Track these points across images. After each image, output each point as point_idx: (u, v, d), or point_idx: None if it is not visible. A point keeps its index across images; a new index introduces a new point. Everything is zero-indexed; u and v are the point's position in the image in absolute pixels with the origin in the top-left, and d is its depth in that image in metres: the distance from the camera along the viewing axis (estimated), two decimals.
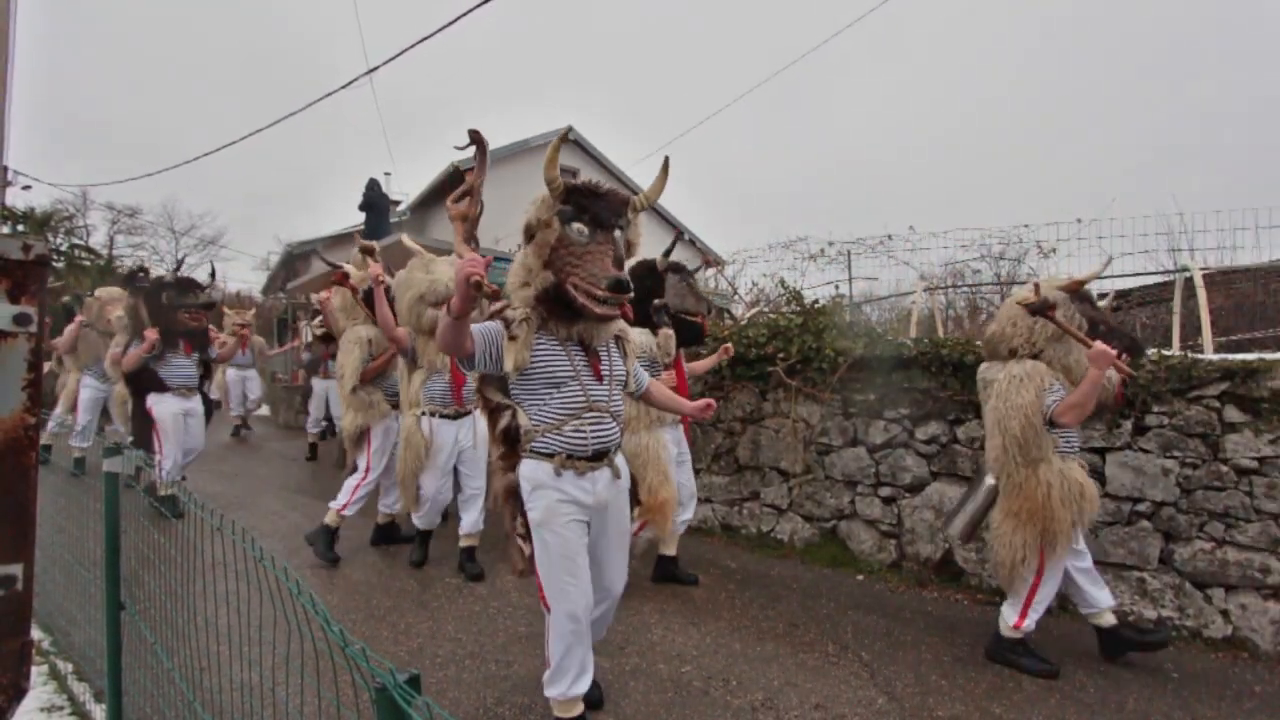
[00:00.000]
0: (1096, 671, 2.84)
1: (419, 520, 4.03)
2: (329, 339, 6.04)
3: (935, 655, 2.98)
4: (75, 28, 42.02)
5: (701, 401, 2.36)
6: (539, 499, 2.06)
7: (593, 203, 2.04)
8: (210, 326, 5.42)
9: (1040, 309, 2.78)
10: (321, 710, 1.31)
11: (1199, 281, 4.96)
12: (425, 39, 6.14)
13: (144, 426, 4.91)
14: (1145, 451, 3.36)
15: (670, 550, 3.81)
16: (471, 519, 3.96)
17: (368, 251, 4.08)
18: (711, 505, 4.94)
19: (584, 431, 2.06)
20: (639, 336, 3.11)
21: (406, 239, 4.20)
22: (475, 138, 2.24)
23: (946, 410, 3.96)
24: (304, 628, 1.08)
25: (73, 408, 6.49)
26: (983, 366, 3.07)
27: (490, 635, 3.07)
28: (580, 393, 2.07)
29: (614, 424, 2.15)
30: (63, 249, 21.53)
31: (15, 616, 0.86)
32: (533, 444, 2.07)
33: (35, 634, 3.06)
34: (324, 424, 7.87)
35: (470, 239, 2.23)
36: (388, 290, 3.96)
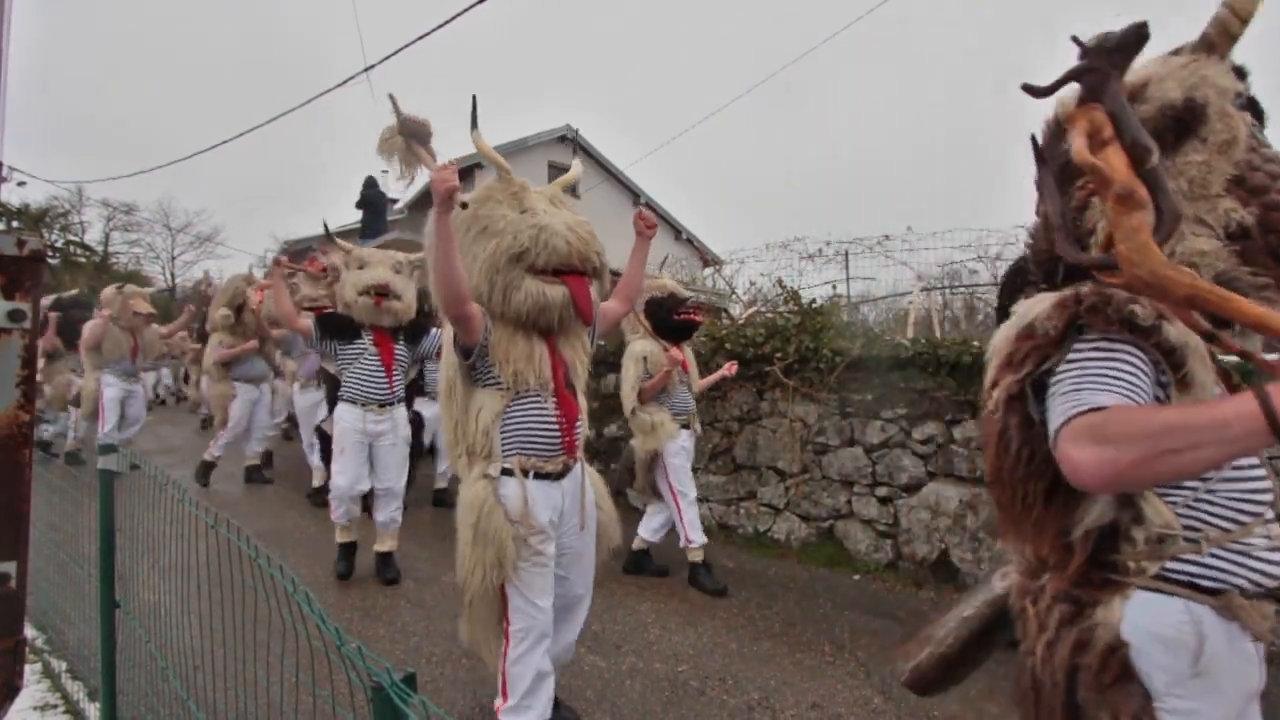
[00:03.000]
0: None
1: (518, 713, 1.98)
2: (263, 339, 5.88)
3: None
4: (72, 24, 41.90)
5: None
6: (1208, 695, 0.97)
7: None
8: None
9: None
10: (317, 709, 1.31)
11: None
12: (422, 37, 6.14)
13: (415, 432, 4.89)
14: None
15: None
16: (568, 645, 2.28)
17: (415, 136, 2.28)
18: (708, 504, 4.94)
19: None
20: None
21: (479, 137, 2.19)
22: (1135, 35, 0.98)
23: (943, 411, 3.97)
24: (300, 626, 1.08)
25: (94, 411, 6.15)
26: None
27: None
28: (1262, 471, 1.05)
29: None
30: (58, 245, 21.47)
31: (9, 615, 0.86)
32: (1171, 566, 0.99)
33: (29, 632, 3.05)
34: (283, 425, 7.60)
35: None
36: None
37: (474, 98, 2.19)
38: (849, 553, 4.25)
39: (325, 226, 4.24)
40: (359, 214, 12.30)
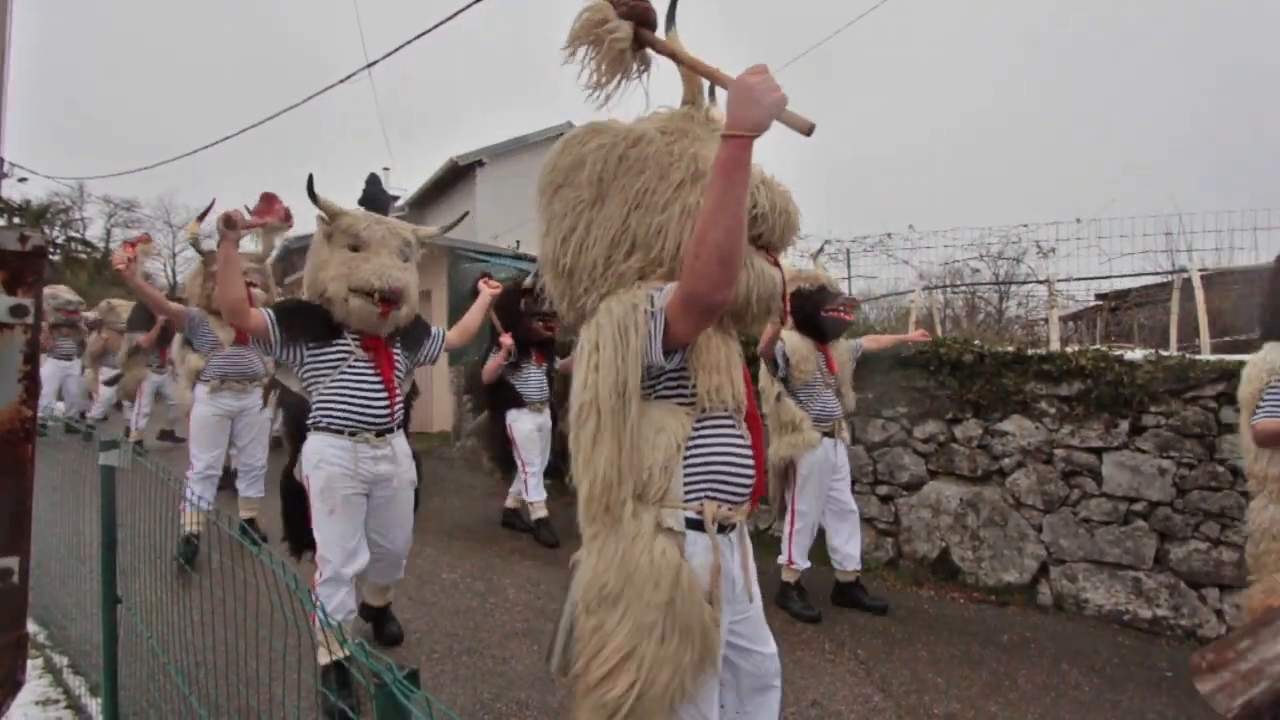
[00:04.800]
0: (1091, 670, 2.86)
1: None
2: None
3: (931, 653, 2.99)
4: (74, 21, 41.89)
5: None
6: None
7: None
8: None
9: None
10: (320, 705, 1.31)
11: (1197, 282, 4.99)
12: (424, 33, 6.12)
13: (503, 443, 4.60)
14: (1142, 451, 3.37)
15: None
16: None
17: (645, 22, 1.48)
18: None
19: None
20: None
21: (675, 37, 1.54)
22: None
23: (944, 409, 3.97)
24: (302, 623, 1.08)
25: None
26: None
27: (487, 631, 3.07)
28: None
29: None
30: (59, 242, 21.50)
31: (11, 609, 0.86)
32: None
33: (31, 627, 3.05)
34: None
35: None
36: None
37: None
38: None
39: (310, 181, 2.58)
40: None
